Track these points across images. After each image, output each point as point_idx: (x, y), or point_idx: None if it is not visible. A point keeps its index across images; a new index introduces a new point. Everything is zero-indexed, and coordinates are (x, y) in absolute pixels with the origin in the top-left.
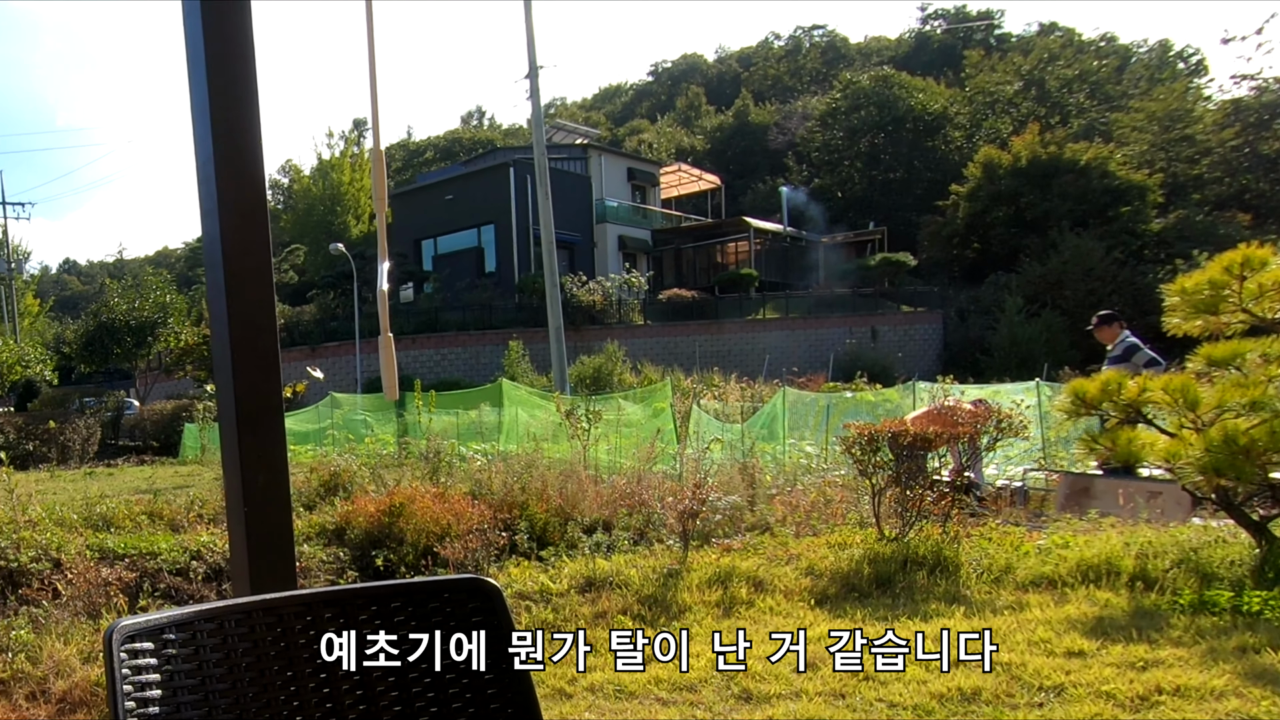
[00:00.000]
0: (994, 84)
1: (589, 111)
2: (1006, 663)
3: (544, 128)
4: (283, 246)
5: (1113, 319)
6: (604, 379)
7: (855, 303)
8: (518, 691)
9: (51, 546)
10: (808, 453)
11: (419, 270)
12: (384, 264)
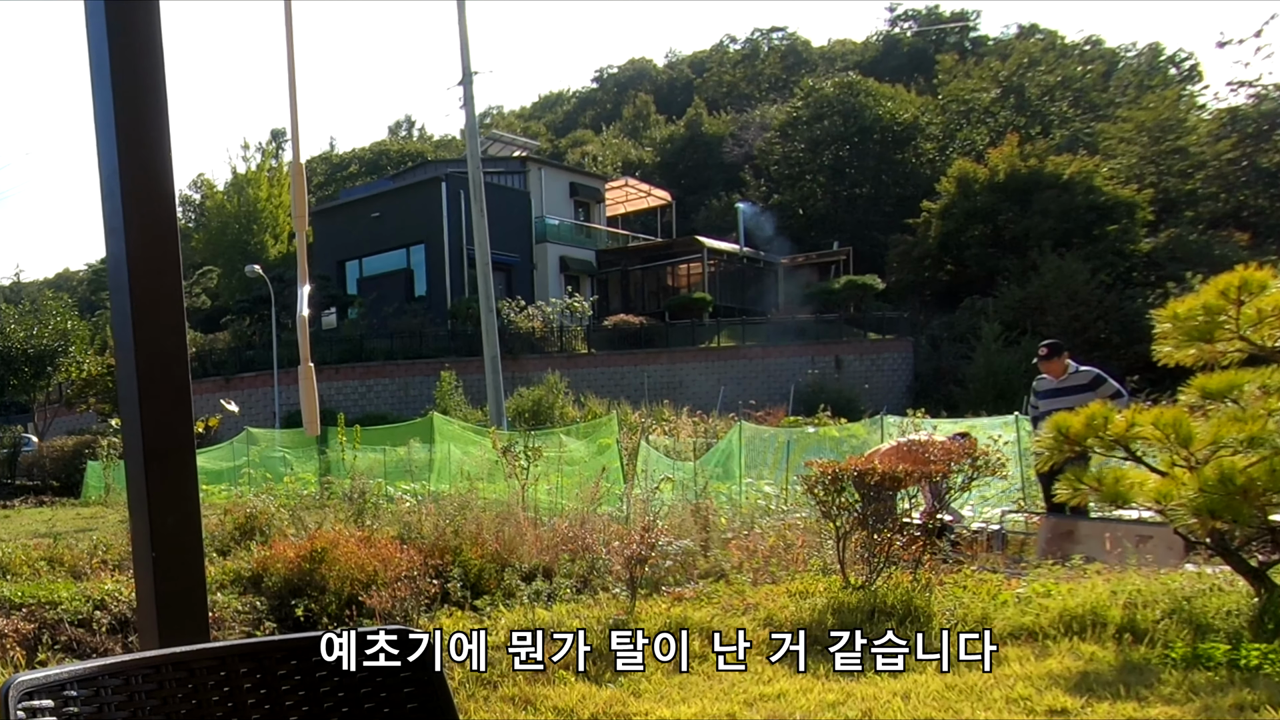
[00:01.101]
0: (969, 91)
1: (528, 121)
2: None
3: (479, 139)
4: (194, 268)
5: (1062, 349)
6: (544, 413)
7: (818, 330)
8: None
9: None
10: (766, 493)
11: (342, 294)
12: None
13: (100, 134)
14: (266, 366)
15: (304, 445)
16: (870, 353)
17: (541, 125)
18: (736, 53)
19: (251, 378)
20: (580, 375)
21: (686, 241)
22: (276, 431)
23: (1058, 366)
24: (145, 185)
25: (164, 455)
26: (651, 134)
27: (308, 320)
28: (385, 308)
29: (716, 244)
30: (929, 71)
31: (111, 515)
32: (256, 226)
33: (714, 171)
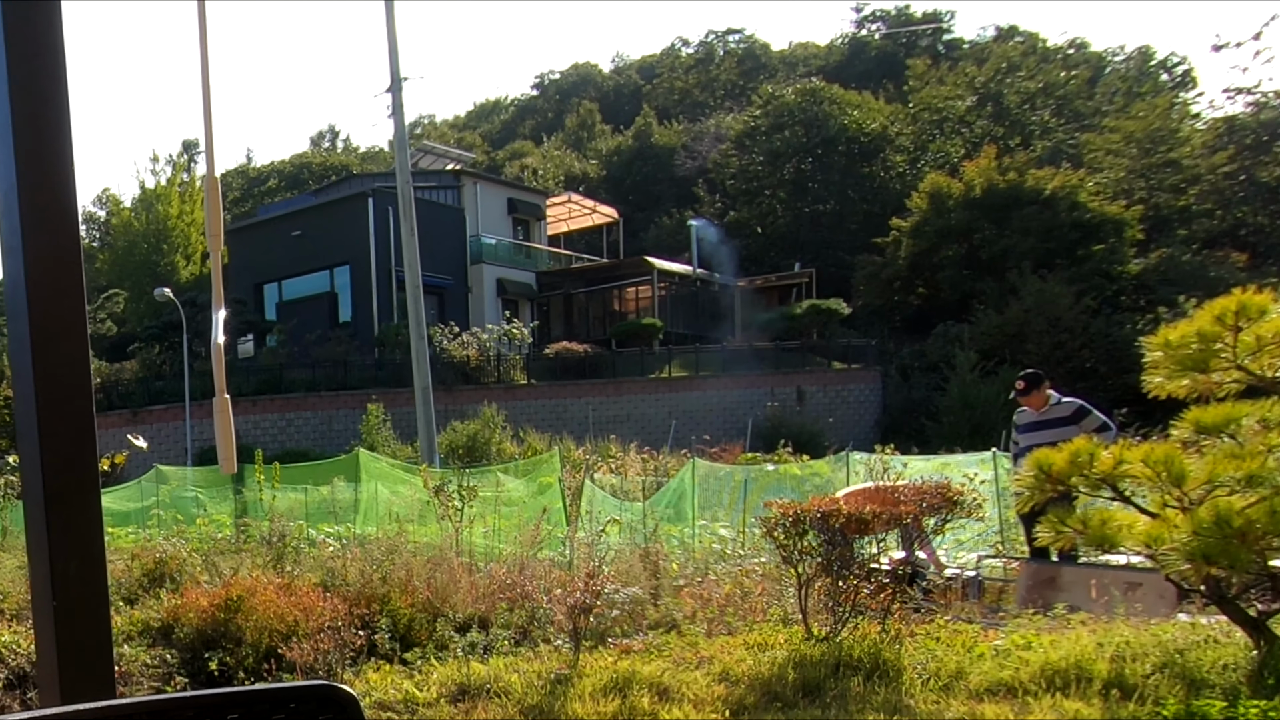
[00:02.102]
0: (942, 99)
1: (462, 132)
2: None
3: (409, 150)
4: (99, 291)
5: (1042, 379)
6: (480, 449)
7: (778, 358)
8: None
9: None
10: (722, 536)
11: (260, 320)
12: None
13: None
14: (178, 398)
15: (219, 484)
16: (835, 383)
17: (477, 136)
18: (689, 57)
19: (161, 411)
20: (519, 408)
21: (635, 262)
22: (189, 469)
23: (1038, 398)
24: (45, 201)
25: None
26: (597, 145)
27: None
28: (307, 335)
29: (667, 265)
30: (899, 77)
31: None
32: (167, 246)
33: (665, 186)
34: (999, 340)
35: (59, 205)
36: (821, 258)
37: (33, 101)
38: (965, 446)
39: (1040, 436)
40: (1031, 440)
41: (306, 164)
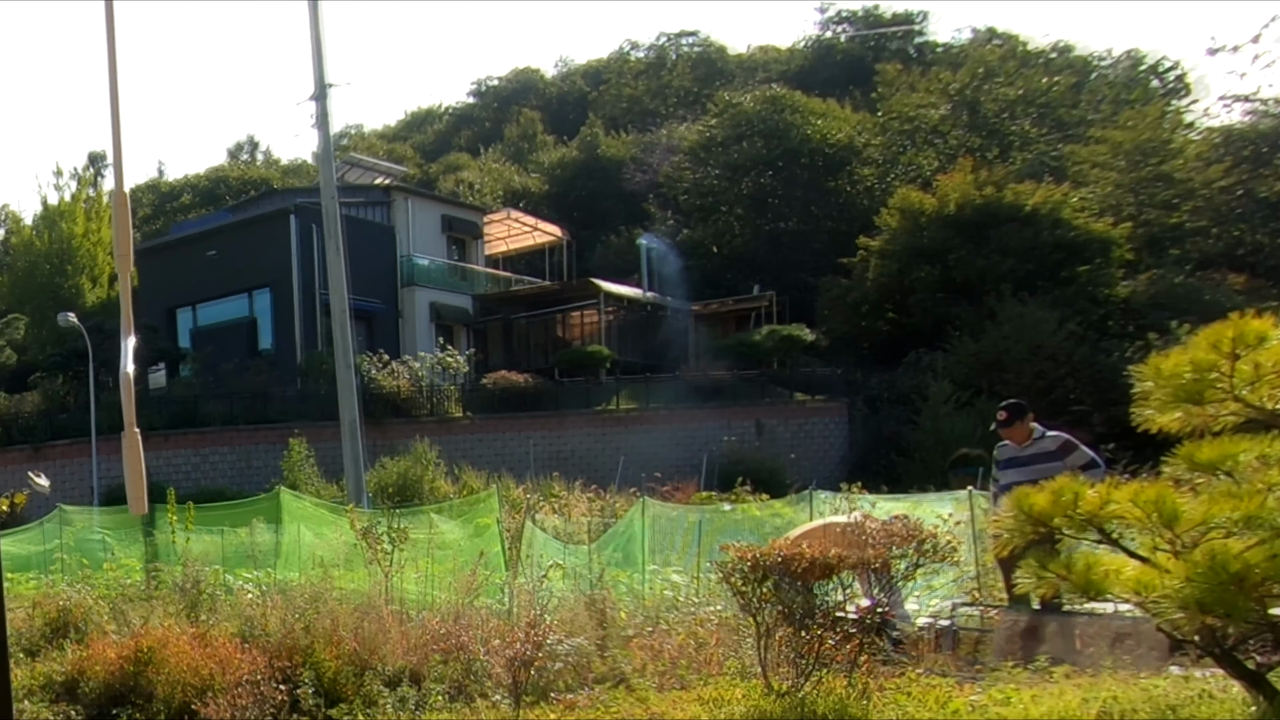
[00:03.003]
0: (914, 107)
1: (393, 143)
2: None
3: (335, 163)
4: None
5: (1024, 410)
6: (412, 487)
7: (736, 389)
8: None
9: None
10: (674, 582)
11: (173, 348)
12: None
13: None
14: (83, 433)
15: (128, 526)
16: (798, 416)
17: (409, 147)
18: (640, 61)
19: (65, 446)
20: (455, 443)
21: (581, 285)
22: (95, 510)
23: (1021, 431)
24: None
25: None
26: (539, 158)
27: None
28: (224, 364)
29: (616, 288)
30: (867, 84)
31: None
32: (71, 267)
33: (613, 202)
34: (976, 369)
35: None
36: (783, 280)
37: None
38: (938, 485)
39: (1022, 474)
40: (1013, 478)
41: (223, 178)
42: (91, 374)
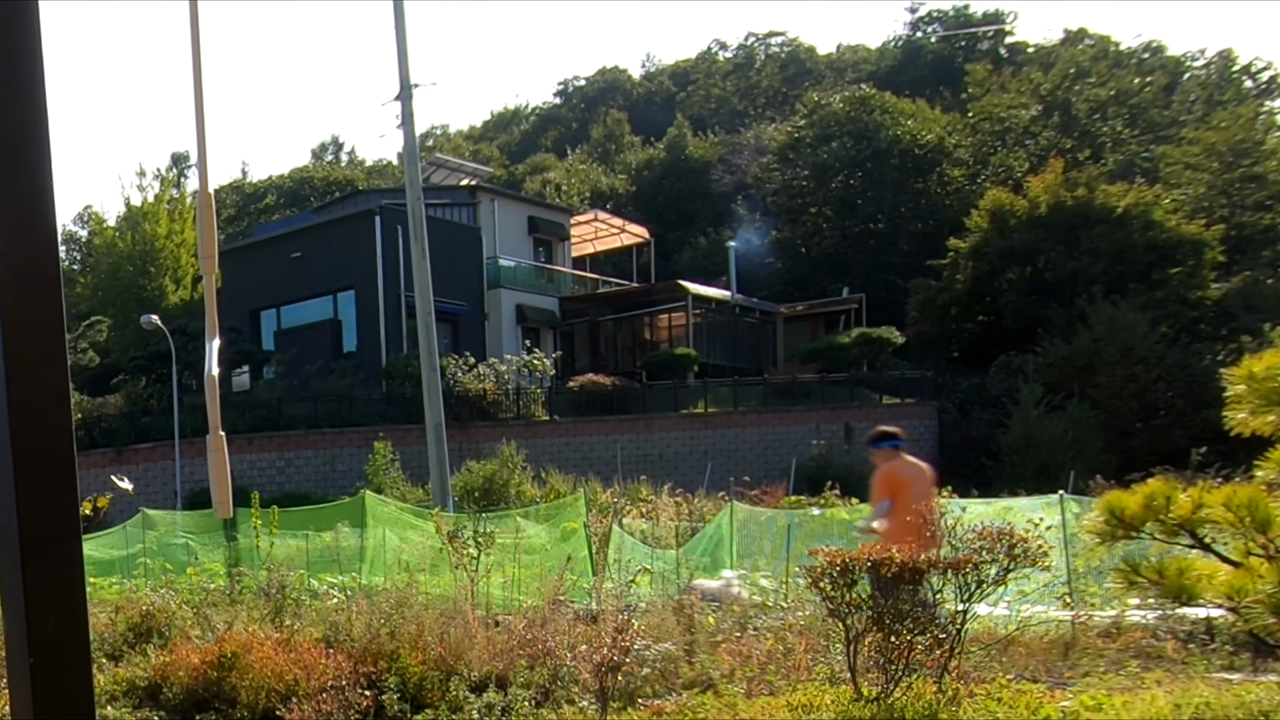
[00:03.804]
0: (1005, 107)
1: (479, 144)
2: None
3: (420, 164)
4: (80, 319)
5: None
6: (498, 491)
7: (825, 392)
8: None
9: None
10: (763, 587)
11: (257, 350)
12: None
13: None
14: (166, 436)
15: (211, 530)
16: (887, 419)
17: (495, 148)
18: (727, 61)
19: (148, 449)
20: (541, 446)
21: (667, 287)
22: (178, 513)
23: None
24: (20, 219)
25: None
26: (626, 158)
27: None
28: (308, 366)
29: (703, 290)
30: (957, 84)
31: None
32: (154, 269)
33: (700, 203)
34: (1067, 372)
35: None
36: (872, 281)
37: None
38: (1030, 489)
39: None
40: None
41: (308, 179)
42: (175, 376)
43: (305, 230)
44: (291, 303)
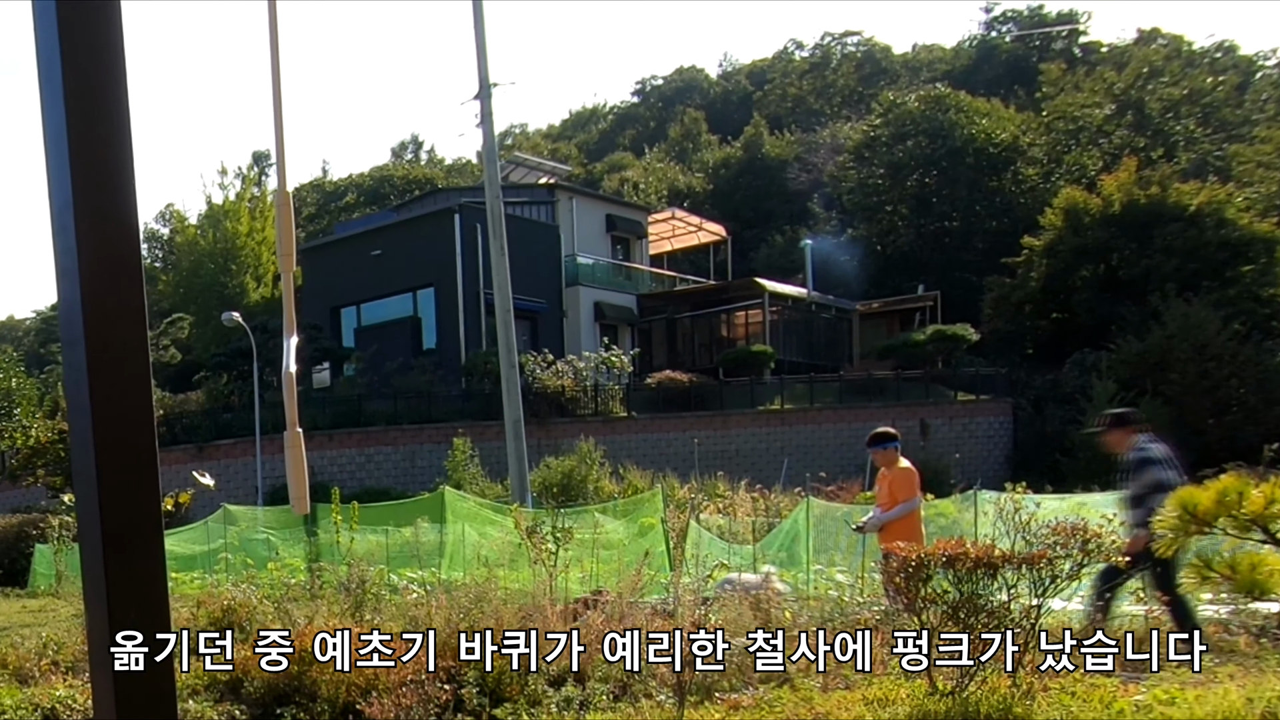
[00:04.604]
0: (1078, 106)
1: (557, 142)
2: None
3: (499, 163)
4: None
5: (1124, 420)
6: (576, 487)
7: (900, 389)
8: None
9: None
10: (838, 582)
11: (337, 347)
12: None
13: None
14: (247, 432)
15: (292, 525)
16: (962, 416)
17: (573, 146)
18: (803, 61)
19: (229, 446)
20: (618, 442)
21: (744, 284)
22: (259, 509)
23: (1120, 442)
24: (104, 218)
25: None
26: (703, 157)
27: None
28: (388, 363)
29: (779, 287)
30: (1031, 83)
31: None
32: (235, 266)
33: (776, 201)
34: (1140, 369)
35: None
36: (946, 279)
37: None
38: (1103, 485)
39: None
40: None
41: (387, 177)
42: (256, 373)
43: (385, 228)
44: (371, 300)
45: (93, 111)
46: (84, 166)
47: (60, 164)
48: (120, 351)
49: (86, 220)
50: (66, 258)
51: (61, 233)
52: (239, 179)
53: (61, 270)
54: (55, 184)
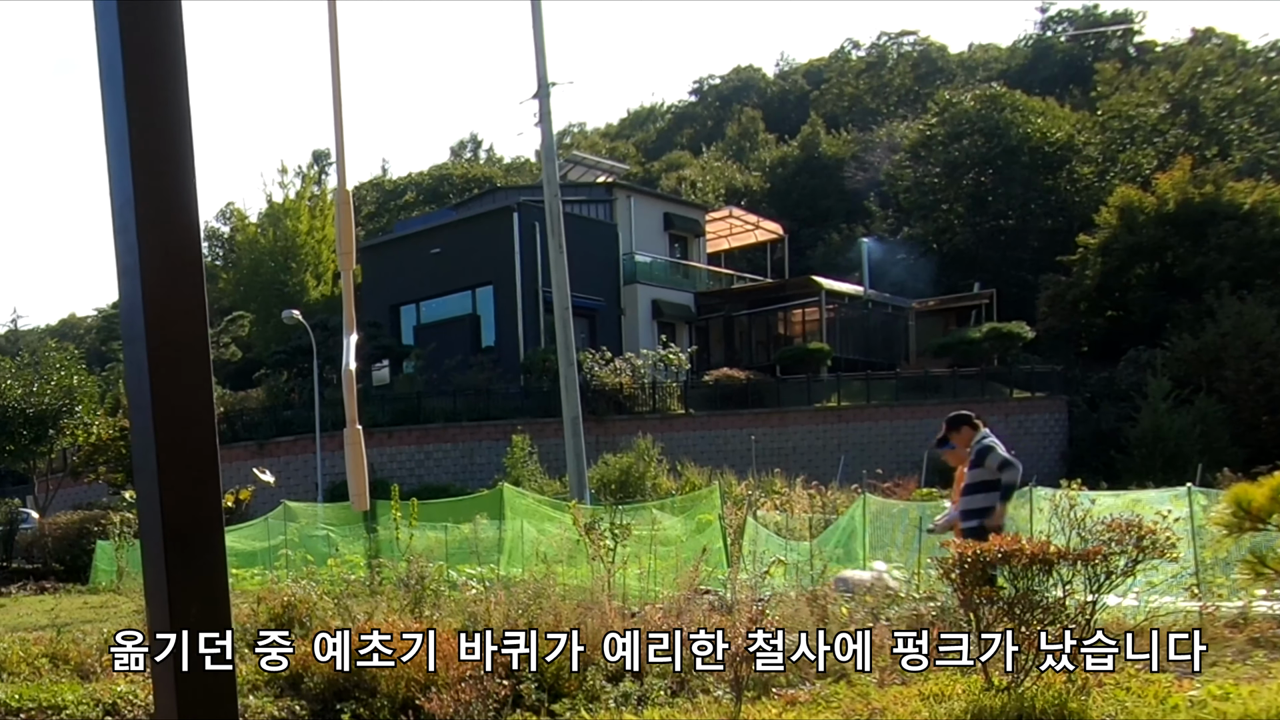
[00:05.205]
0: (1133, 106)
1: (615, 141)
2: None
3: (557, 161)
4: (223, 314)
5: (960, 422)
6: (634, 484)
7: (956, 386)
8: None
9: None
10: (895, 578)
11: (397, 344)
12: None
13: (111, 156)
14: (307, 429)
15: (351, 522)
16: (1017, 413)
17: (631, 145)
18: (860, 60)
19: (289, 443)
20: (676, 439)
21: (801, 282)
22: (319, 506)
23: (960, 441)
24: (165, 216)
25: (187, 534)
26: (760, 156)
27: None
28: (447, 360)
29: (836, 285)
30: (1086, 83)
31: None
32: (295, 264)
33: (833, 200)
34: (1194, 366)
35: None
36: (1002, 277)
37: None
38: (1158, 481)
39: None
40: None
41: (446, 176)
42: (316, 370)
43: (444, 226)
44: (431, 298)
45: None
46: (145, 165)
47: (121, 162)
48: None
49: (148, 218)
50: (128, 256)
51: (123, 231)
52: (299, 177)
53: (123, 268)
54: (116, 182)
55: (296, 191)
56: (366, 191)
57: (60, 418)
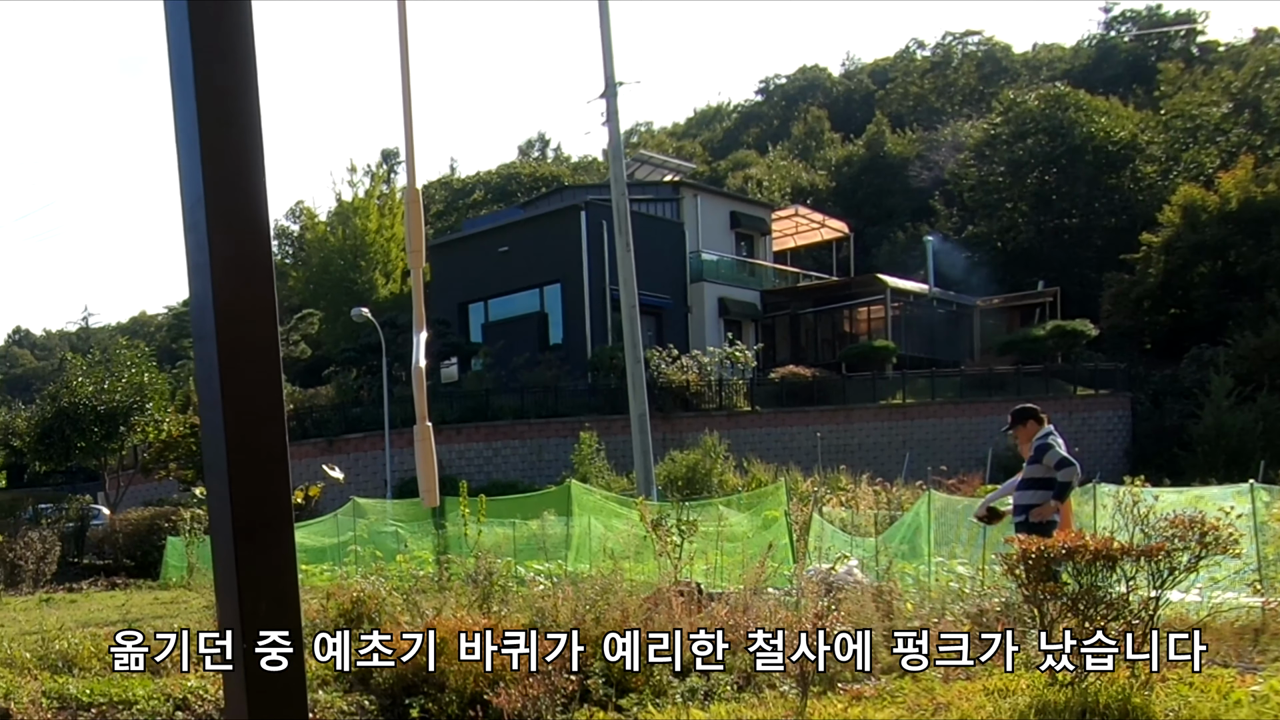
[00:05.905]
0: (1196, 105)
1: (681, 140)
2: None
3: (624, 161)
4: (292, 311)
5: (1025, 416)
6: (700, 480)
7: (1020, 383)
8: None
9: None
10: (959, 574)
11: (465, 342)
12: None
13: (182, 155)
14: (376, 426)
15: (420, 518)
16: (1081, 410)
17: (697, 145)
18: (925, 60)
19: (359, 439)
20: (742, 436)
21: (866, 280)
22: (388, 502)
23: (1023, 436)
24: (235, 215)
25: (256, 530)
26: (825, 155)
27: (424, 372)
28: (515, 358)
29: (901, 283)
30: (1149, 82)
31: (195, 599)
32: (365, 263)
33: (898, 198)
34: (1257, 364)
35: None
36: (1065, 275)
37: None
38: (1221, 478)
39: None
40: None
41: (514, 175)
42: (385, 368)
43: (512, 225)
44: (499, 296)
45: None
46: (215, 164)
47: (192, 162)
48: (251, 347)
49: (218, 217)
50: (198, 254)
51: (193, 229)
52: (368, 176)
53: (193, 267)
54: (187, 181)
55: (365, 190)
56: (435, 190)
57: (131, 415)
